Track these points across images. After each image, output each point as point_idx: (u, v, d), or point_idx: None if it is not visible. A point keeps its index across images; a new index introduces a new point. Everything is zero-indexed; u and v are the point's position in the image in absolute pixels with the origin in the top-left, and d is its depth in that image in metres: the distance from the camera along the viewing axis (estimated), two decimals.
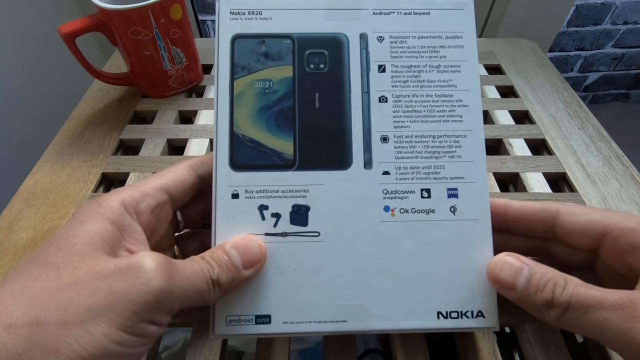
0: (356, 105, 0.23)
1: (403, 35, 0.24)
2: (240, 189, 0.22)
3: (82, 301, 0.15)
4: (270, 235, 0.22)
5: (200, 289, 0.18)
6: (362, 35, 0.23)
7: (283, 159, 0.22)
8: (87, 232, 0.17)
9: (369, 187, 0.22)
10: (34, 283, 0.15)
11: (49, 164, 0.37)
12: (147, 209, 0.20)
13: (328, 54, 0.23)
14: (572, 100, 0.44)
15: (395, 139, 0.23)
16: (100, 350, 0.14)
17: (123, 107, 0.43)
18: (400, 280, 0.21)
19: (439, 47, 0.23)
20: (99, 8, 0.36)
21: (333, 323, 0.21)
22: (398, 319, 0.21)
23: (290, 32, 0.23)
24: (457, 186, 0.22)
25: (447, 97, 0.23)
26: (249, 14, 0.23)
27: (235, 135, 0.22)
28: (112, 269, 0.16)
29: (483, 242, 0.22)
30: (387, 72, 0.23)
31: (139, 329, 0.16)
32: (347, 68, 0.23)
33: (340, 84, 0.23)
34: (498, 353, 0.25)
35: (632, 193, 0.35)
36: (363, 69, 0.23)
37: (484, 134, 0.23)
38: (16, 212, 0.33)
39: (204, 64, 0.47)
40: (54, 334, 0.14)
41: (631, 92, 1.34)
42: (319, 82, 0.23)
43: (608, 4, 1.07)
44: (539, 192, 0.34)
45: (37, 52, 0.63)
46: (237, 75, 0.23)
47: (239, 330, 0.21)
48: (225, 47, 0.23)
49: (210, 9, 0.95)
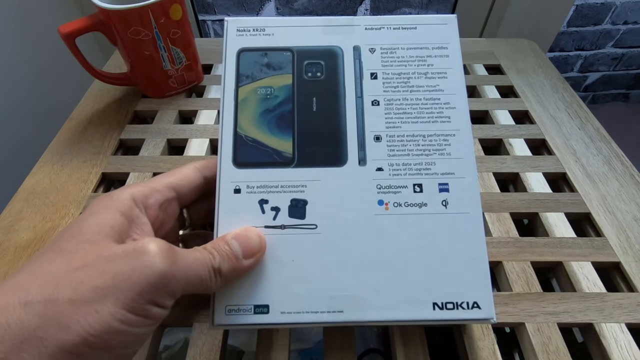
0: (350, 109, 0.25)
1: (393, 47, 0.26)
2: (242, 185, 0.23)
3: (91, 282, 0.16)
4: (269, 228, 0.23)
5: (202, 275, 0.19)
6: (355, 47, 0.26)
7: (283, 157, 0.24)
8: (98, 222, 0.18)
9: (363, 183, 0.23)
10: (48, 266, 0.16)
11: (49, 164, 0.37)
12: (155, 204, 0.21)
13: (324, 64, 0.25)
14: (572, 100, 0.44)
15: (388, 138, 0.24)
16: (107, 327, 0.15)
17: (123, 107, 0.43)
18: (395, 272, 0.22)
19: (426, 56, 0.26)
20: (99, 8, 0.36)
21: (330, 313, 0.21)
22: (394, 309, 0.22)
23: (290, 46, 0.26)
24: (447, 181, 0.24)
25: (435, 100, 0.25)
26: (254, 30, 0.26)
27: (238, 135, 0.24)
28: (119, 253, 0.17)
29: (475, 234, 0.23)
30: (379, 79, 0.25)
31: (143, 309, 0.16)
32: (341, 76, 0.25)
33: (335, 90, 0.25)
34: (498, 353, 0.25)
35: (632, 193, 0.35)
36: (356, 77, 0.25)
37: (471, 134, 0.24)
38: (16, 212, 0.33)
39: (203, 64, 0.47)
40: (65, 311, 0.15)
41: (631, 92, 1.34)
42: (316, 88, 0.25)
43: (608, 4, 1.07)
44: (539, 192, 0.34)
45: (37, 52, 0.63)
46: (241, 83, 0.25)
47: (238, 320, 0.21)
48: (232, 59, 0.25)
49: (210, 9, 0.95)
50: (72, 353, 0.15)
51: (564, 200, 0.34)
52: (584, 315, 0.26)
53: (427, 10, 0.96)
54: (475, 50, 0.51)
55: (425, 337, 0.25)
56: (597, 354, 0.26)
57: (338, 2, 0.94)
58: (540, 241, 0.30)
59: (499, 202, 0.33)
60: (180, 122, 0.42)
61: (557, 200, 0.33)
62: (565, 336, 0.26)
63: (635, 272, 0.29)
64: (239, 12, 0.96)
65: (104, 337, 0.15)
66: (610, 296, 0.27)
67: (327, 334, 0.26)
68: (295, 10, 0.95)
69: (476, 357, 0.25)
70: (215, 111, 0.42)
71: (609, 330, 0.26)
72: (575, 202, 0.33)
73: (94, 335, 0.15)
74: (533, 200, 0.33)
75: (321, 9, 0.95)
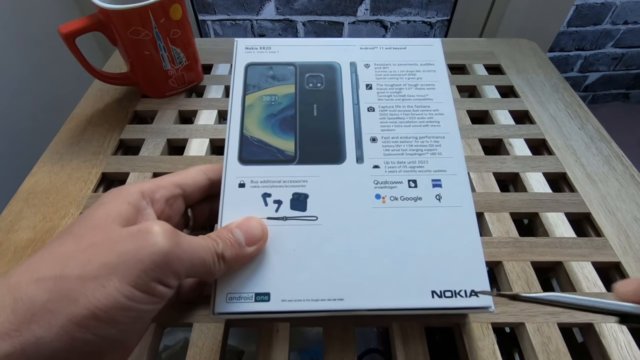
0: (348, 114, 0.27)
1: (385, 63, 0.29)
2: (246, 180, 0.25)
3: (98, 259, 0.17)
4: (272, 219, 0.24)
5: (205, 260, 0.19)
6: (352, 63, 0.29)
7: (285, 155, 0.25)
8: (107, 210, 0.19)
9: (361, 178, 0.25)
10: (59, 248, 0.17)
11: (49, 164, 0.37)
12: (161, 199, 0.22)
13: (324, 76, 0.28)
14: (572, 100, 0.44)
15: (383, 139, 0.26)
16: (113, 302, 0.16)
17: (123, 107, 0.43)
18: (394, 261, 0.23)
19: (415, 71, 0.29)
20: (99, 8, 0.36)
21: (330, 301, 0.22)
22: (394, 297, 0.22)
23: (293, 61, 0.29)
24: (440, 177, 0.25)
25: (425, 107, 0.27)
26: (260, 48, 0.29)
27: (244, 136, 0.26)
28: (124, 235, 0.18)
29: (469, 226, 0.24)
30: (374, 89, 0.28)
31: (148, 286, 0.17)
32: (340, 86, 0.28)
33: (334, 98, 0.28)
34: (498, 353, 0.25)
35: (632, 193, 0.35)
36: (353, 87, 0.28)
37: (459, 136, 0.27)
38: (16, 212, 0.33)
39: (203, 64, 0.47)
40: (74, 286, 0.16)
41: (631, 92, 1.34)
42: (316, 96, 0.28)
43: (608, 4, 1.07)
44: (539, 192, 0.34)
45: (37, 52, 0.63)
46: (248, 91, 0.28)
47: (239, 308, 0.22)
48: (240, 71, 0.28)
49: (210, 9, 0.95)
50: (80, 325, 0.15)
51: (564, 200, 0.34)
52: (584, 315, 0.26)
53: (427, 10, 0.96)
54: (475, 50, 0.51)
55: (425, 337, 0.25)
56: (597, 354, 0.26)
57: (338, 2, 0.94)
58: (540, 241, 0.30)
59: (499, 202, 0.33)
60: (180, 122, 0.42)
61: (557, 200, 0.33)
62: (565, 336, 0.26)
63: (635, 272, 0.29)
64: (239, 12, 0.96)
65: (111, 311, 0.16)
66: (610, 296, 0.27)
67: (327, 334, 0.26)
68: (295, 10, 0.95)
69: (476, 357, 0.25)
70: (215, 111, 0.42)
71: (609, 330, 0.26)
72: (575, 202, 0.33)
73: (101, 309, 0.16)
74: (533, 200, 0.33)
75: (321, 9, 0.95)
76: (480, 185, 0.35)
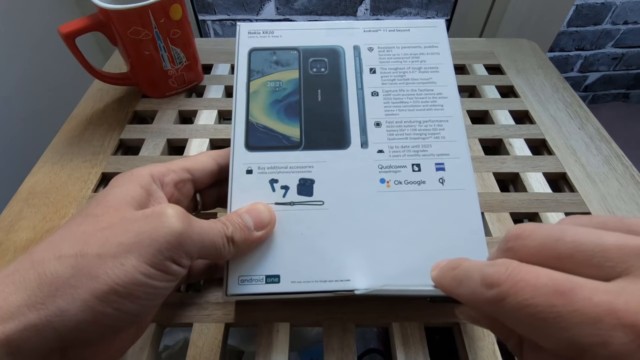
0: (352, 99, 0.27)
1: (389, 46, 0.29)
2: (253, 166, 0.25)
3: (116, 239, 0.18)
4: (279, 205, 0.24)
5: (216, 242, 0.20)
6: (355, 47, 0.29)
7: (291, 141, 0.26)
8: (121, 192, 0.20)
9: (366, 163, 0.25)
10: (78, 227, 0.18)
11: (49, 164, 0.37)
12: (170, 182, 0.23)
13: (328, 61, 0.28)
14: (572, 100, 0.44)
15: (387, 124, 0.27)
16: (131, 279, 0.17)
17: (123, 107, 0.43)
18: (399, 243, 0.23)
19: (419, 54, 0.29)
20: (99, 8, 0.36)
21: (338, 282, 0.23)
22: (399, 278, 0.23)
23: (297, 46, 0.29)
24: (443, 161, 0.26)
25: (429, 91, 0.28)
26: (263, 33, 0.29)
27: (250, 123, 0.26)
28: (140, 216, 0.19)
29: (472, 209, 0.24)
30: (377, 73, 0.28)
31: (163, 265, 0.18)
32: (343, 71, 0.28)
33: (338, 83, 0.28)
34: (498, 353, 0.25)
35: (632, 193, 0.35)
36: (357, 72, 0.28)
37: (463, 120, 0.27)
38: (16, 212, 0.33)
39: (203, 64, 0.47)
40: (94, 263, 0.17)
41: (631, 92, 1.34)
42: (320, 81, 0.28)
43: (608, 4, 1.07)
44: (539, 192, 0.34)
45: (37, 52, 0.63)
46: (252, 77, 0.28)
47: (251, 289, 0.22)
48: (244, 57, 0.28)
49: (210, 9, 0.95)
50: (102, 300, 0.16)
51: (564, 200, 0.34)
52: None
53: (427, 10, 0.96)
54: (475, 50, 0.51)
55: (425, 337, 0.25)
56: None
57: (338, 2, 0.94)
58: None
59: (499, 202, 0.33)
60: (180, 122, 0.42)
61: (557, 200, 0.33)
62: None
63: None
64: (239, 12, 0.96)
65: (129, 287, 0.17)
66: None
67: (327, 334, 0.26)
68: (295, 10, 0.95)
69: (476, 357, 0.25)
70: (215, 111, 0.42)
71: None
72: (575, 202, 0.33)
73: (121, 285, 0.17)
74: (533, 200, 0.33)
75: (321, 9, 0.95)
76: (480, 185, 0.35)
